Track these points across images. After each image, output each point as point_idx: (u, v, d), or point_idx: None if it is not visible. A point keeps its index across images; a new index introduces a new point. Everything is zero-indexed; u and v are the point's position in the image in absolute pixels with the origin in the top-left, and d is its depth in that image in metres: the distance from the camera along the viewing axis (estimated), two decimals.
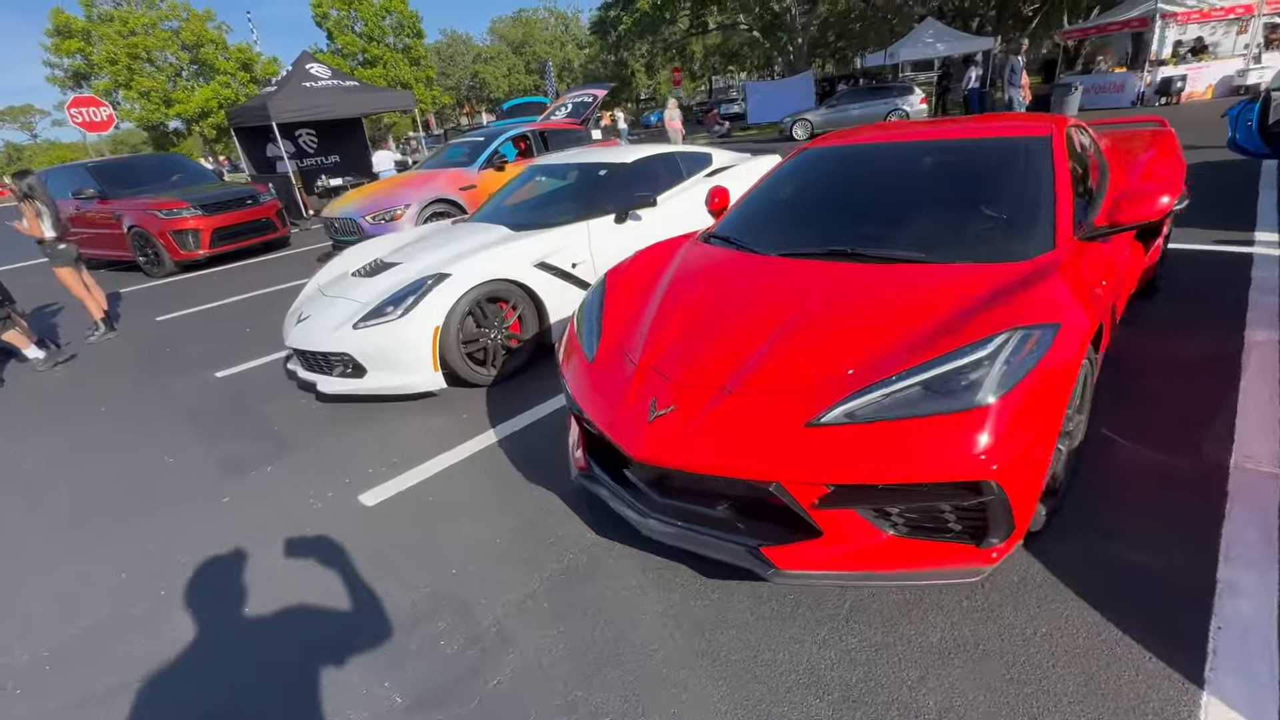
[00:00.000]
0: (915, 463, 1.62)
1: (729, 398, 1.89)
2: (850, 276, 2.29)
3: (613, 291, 2.71)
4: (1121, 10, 17.22)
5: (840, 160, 3.15)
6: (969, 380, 1.67)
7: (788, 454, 1.71)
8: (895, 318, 2.01)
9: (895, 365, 1.79)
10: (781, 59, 27.84)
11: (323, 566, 2.35)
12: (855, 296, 2.18)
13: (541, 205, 4.79)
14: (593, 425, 2.14)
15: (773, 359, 1.97)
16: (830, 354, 1.93)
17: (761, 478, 1.73)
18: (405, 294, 3.49)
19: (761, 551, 1.80)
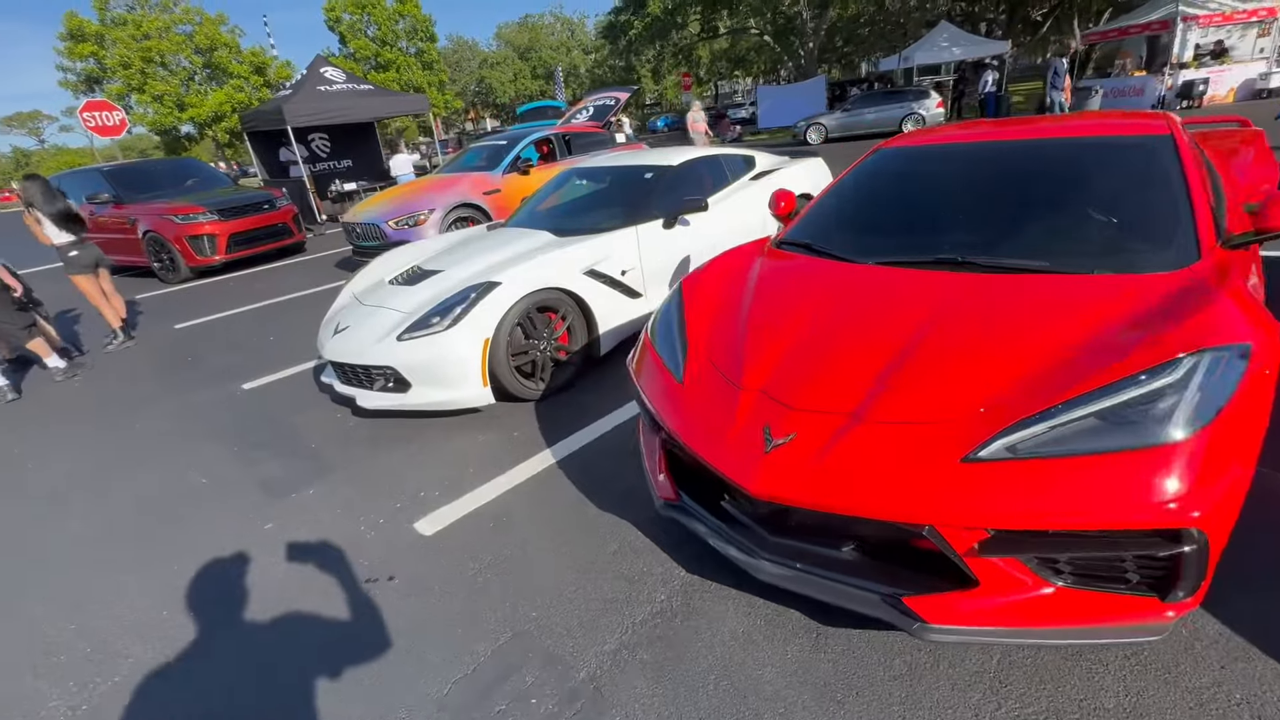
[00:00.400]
0: (1098, 507, 1.40)
1: (861, 426, 1.67)
2: (971, 288, 2.08)
3: (691, 303, 2.50)
4: (1142, 13, 17.03)
5: (928, 160, 2.94)
6: (1157, 410, 1.45)
7: (943, 494, 1.49)
8: (1038, 335, 1.79)
9: (1056, 392, 1.57)
10: (791, 63, 27.69)
11: (386, 608, 2.13)
12: (983, 311, 1.96)
13: (584, 210, 4.59)
14: (689, 453, 1.93)
15: (903, 383, 1.75)
16: (970, 377, 1.71)
17: (913, 520, 1.51)
18: (452, 304, 3.29)
19: (905, 602, 1.57)
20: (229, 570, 2.44)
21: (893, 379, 1.77)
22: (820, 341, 2.02)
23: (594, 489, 2.67)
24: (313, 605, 2.18)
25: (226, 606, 2.23)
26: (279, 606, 2.19)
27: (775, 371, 1.96)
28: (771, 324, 2.19)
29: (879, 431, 1.65)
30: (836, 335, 2.03)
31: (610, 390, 3.60)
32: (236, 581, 2.36)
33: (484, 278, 3.41)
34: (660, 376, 2.23)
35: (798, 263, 2.60)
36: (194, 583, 2.40)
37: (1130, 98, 16.94)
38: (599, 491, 2.65)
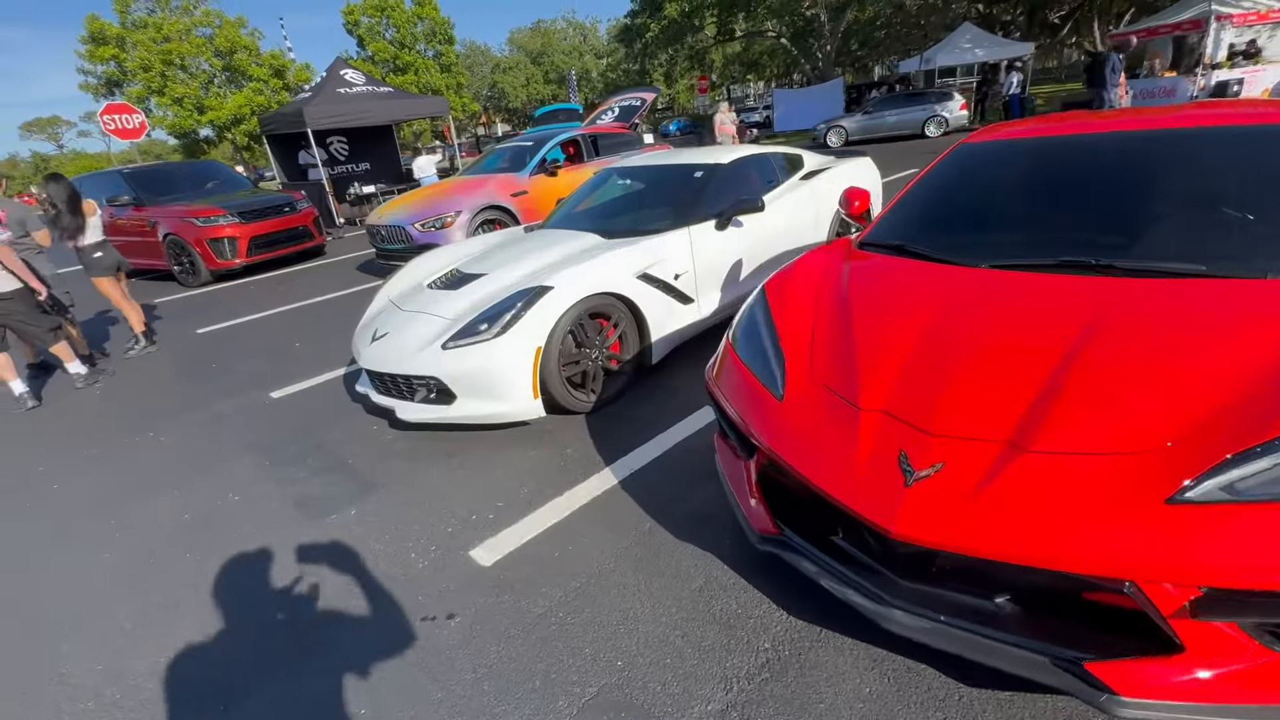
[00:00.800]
0: None
1: (1025, 457, 1.42)
2: (1121, 296, 1.81)
3: (780, 309, 2.26)
4: (1173, 13, 16.69)
5: (1034, 154, 2.67)
6: None
7: (1145, 543, 1.24)
8: (1221, 350, 1.53)
9: (1271, 421, 1.32)
10: (809, 66, 27.43)
11: (448, 653, 1.89)
12: (1146, 322, 1.70)
13: (630, 210, 4.36)
14: (798, 481, 1.68)
15: (1067, 406, 1.49)
16: (1148, 401, 1.45)
17: (1109, 573, 1.26)
18: (501, 309, 3.06)
19: (1088, 669, 1.32)
20: (268, 605, 2.22)
21: (1053, 401, 1.51)
22: (949, 356, 1.77)
23: (665, 513, 2.43)
24: (363, 649, 1.95)
25: (267, 650, 2.01)
26: (324, 652, 1.96)
27: (899, 390, 1.71)
28: (883, 335, 1.95)
29: (1048, 463, 1.40)
30: (968, 349, 1.78)
31: (664, 402, 3.36)
32: (277, 619, 2.14)
33: (534, 282, 3.18)
34: (752, 392, 1.99)
35: (897, 265, 2.35)
36: (229, 620, 2.18)
37: (1160, 98, 16.53)
38: (671, 516, 2.40)
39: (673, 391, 3.48)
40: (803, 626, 1.83)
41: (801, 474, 1.68)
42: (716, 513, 2.38)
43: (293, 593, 2.25)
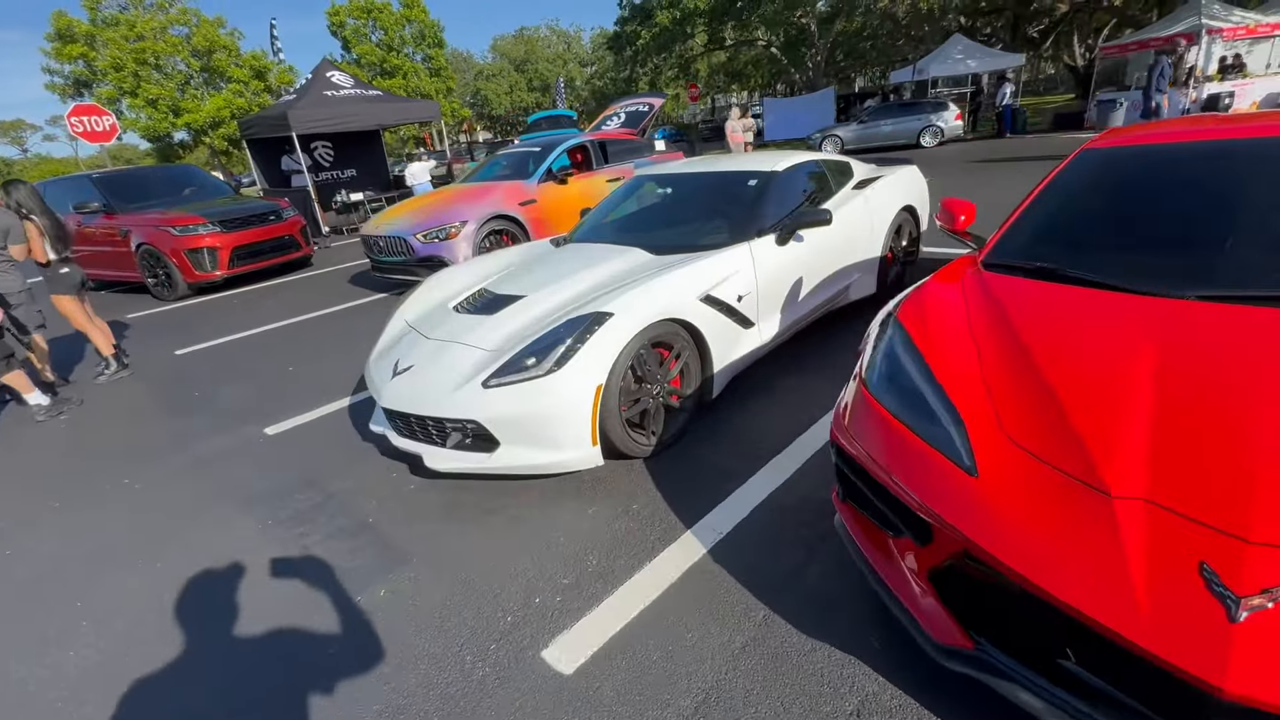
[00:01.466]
0: None
1: None
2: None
3: (930, 348, 1.84)
4: (1164, 26, 16.86)
5: (1185, 162, 2.30)
6: None
7: None
8: None
9: None
10: (799, 75, 27.41)
11: None
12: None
13: (678, 222, 3.92)
14: (1045, 598, 1.24)
15: None
16: None
17: None
18: (552, 341, 2.60)
19: None
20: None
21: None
22: (1215, 420, 1.35)
23: (779, 598, 1.98)
24: None
25: None
26: None
27: (1164, 469, 1.28)
28: (1092, 386, 1.53)
29: None
30: (1236, 410, 1.36)
31: (732, 444, 2.92)
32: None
33: (589, 307, 2.72)
34: (924, 461, 1.55)
35: (1065, 293, 1.94)
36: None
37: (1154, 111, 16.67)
38: (787, 602, 1.95)
39: (738, 431, 3.04)
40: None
41: (1043, 589, 1.24)
42: (844, 596, 1.94)
43: (309, 710, 1.76)
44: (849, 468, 1.84)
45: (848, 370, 2.08)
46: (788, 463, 2.71)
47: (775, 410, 3.21)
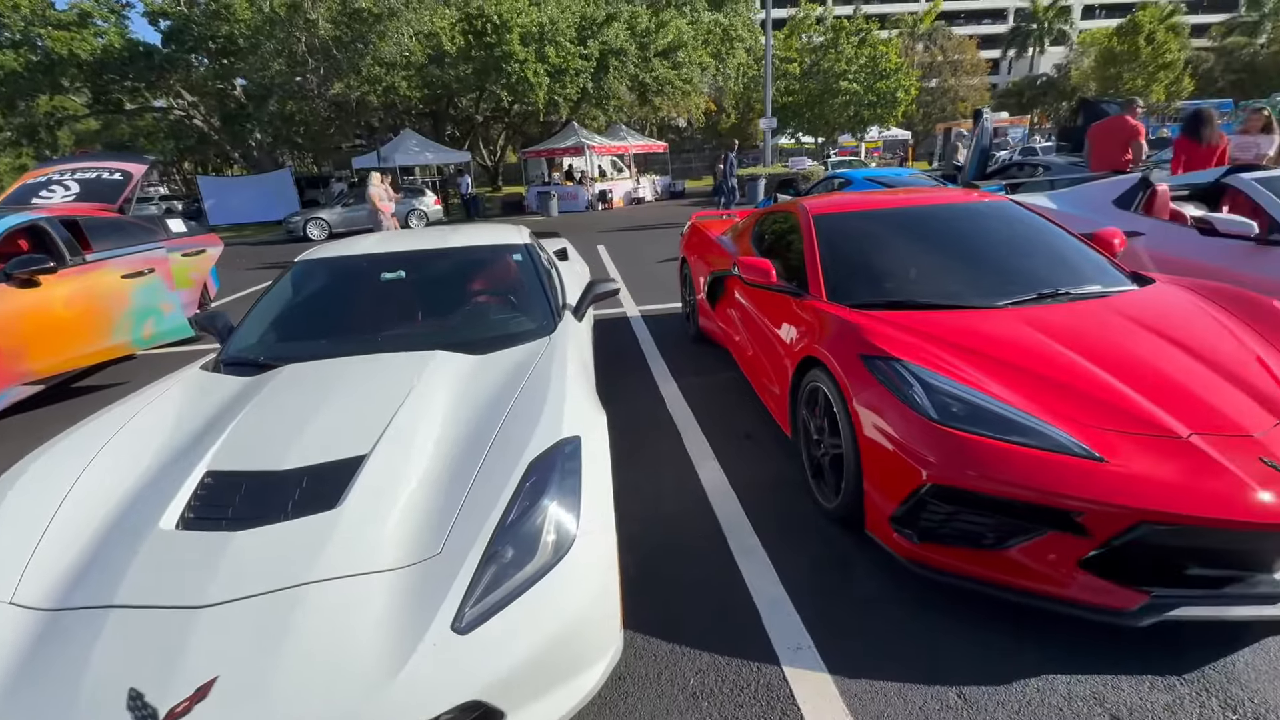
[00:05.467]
0: None
1: None
2: (1078, 313, 2.48)
3: (950, 372, 2.08)
4: (561, 139, 22.62)
5: (889, 222, 3.29)
6: None
7: None
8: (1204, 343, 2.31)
9: None
10: (238, 153, 24.11)
11: None
12: (1119, 324, 2.36)
13: (455, 312, 2.91)
14: (1211, 524, 1.64)
15: (1246, 385, 1.98)
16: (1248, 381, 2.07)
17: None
18: (527, 507, 1.61)
19: None
20: None
21: (1237, 386, 1.98)
22: (1135, 376, 2.04)
23: None
24: None
25: None
26: None
27: (1174, 411, 1.88)
28: (1071, 372, 2.08)
29: None
30: (1131, 368, 2.09)
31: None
32: None
33: (522, 440, 1.80)
34: (1061, 468, 1.77)
35: (949, 318, 2.50)
36: None
37: (569, 200, 22.15)
38: None
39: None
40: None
41: (1212, 518, 1.64)
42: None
43: None
44: (951, 501, 1.90)
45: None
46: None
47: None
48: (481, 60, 19.33)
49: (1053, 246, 3.04)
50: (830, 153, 29.75)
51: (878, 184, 9.27)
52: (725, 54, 25.18)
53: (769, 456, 3.17)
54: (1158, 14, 38.13)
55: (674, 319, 5.92)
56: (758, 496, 2.82)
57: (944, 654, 1.88)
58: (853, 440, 2.23)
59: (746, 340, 3.68)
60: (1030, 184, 7.76)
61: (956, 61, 43.00)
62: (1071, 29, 49.74)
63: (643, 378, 4.48)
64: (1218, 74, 43.49)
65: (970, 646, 1.90)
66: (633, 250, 10.86)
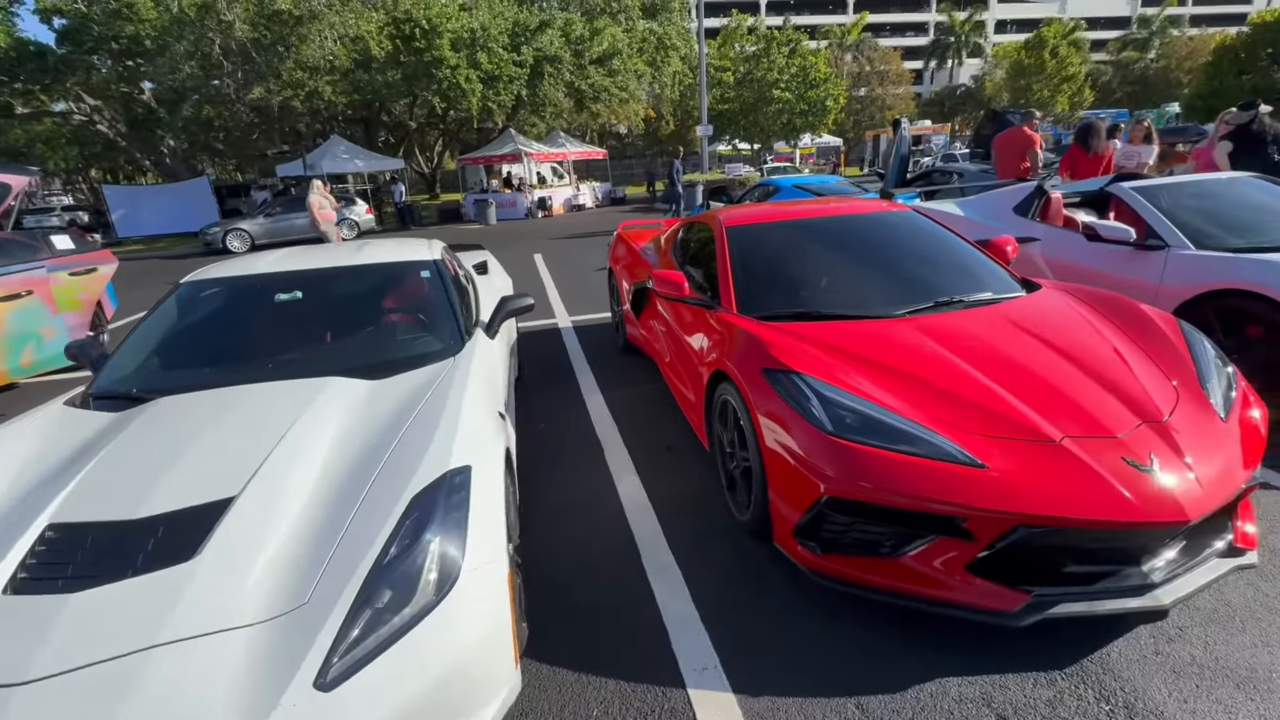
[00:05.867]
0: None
1: (1164, 426, 1.94)
2: (969, 320, 2.58)
3: (845, 384, 2.12)
4: (498, 146, 22.24)
5: (800, 232, 3.35)
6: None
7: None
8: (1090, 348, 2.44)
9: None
10: (150, 160, 22.63)
11: None
12: (1006, 330, 2.46)
13: (355, 333, 2.77)
14: (1083, 525, 1.73)
15: (1124, 386, 2.10)
16: (1114, 380, 2.20)
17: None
18: (407, 545, 1.53)
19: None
20: None
21: (1115, 386, 2.10)
22: (1016, 380, 2.13)
23: None
24: None
25: None
26: None
27: (1044, 414, 1.97)
28: (954, 378, 2.15)
29: (1171, 426, 1.96)
30: (1015, 371, 2.18)
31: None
32: None
33: (411, 472, 1.72)
34: (947, 475, 1.82)
35: (843, 329, 2.55)
36: None
37: (508, 209, 21.81)
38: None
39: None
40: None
41: (1081, 519, 1.72)
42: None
43: None
44: (848, 513, 1.94)
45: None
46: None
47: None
48: (412, 66, 18.84)
49: (951, 255, 3.17)
50: (767, 159, 30.52)
51: (806, 191, 9.54)
52: (661, 62, 25.45)
53: (688, 469, 3.17)
54: (1060, 30, 41.04)
55: (606, 329, 5.88)
56: (675, 510, 2.81)
57: (846, 665, 1.90)
58: (758, 453, 2.25)
59: (668, 351, 3.69)
60: (944, 191, 8.16)
61: (883, 72, 44.91)
62: (986, 42, 52.83)
63: (569, 390, 4.42)
64: (1115, 86, 47.11)
65: (870, 656, 1.93)
66: (570, 258, 10.78)
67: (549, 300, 7.47)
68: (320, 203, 10.28)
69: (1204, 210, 3.86)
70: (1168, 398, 2.07)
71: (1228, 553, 1.92)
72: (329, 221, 10.34)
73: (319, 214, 10.22)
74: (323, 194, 10.45)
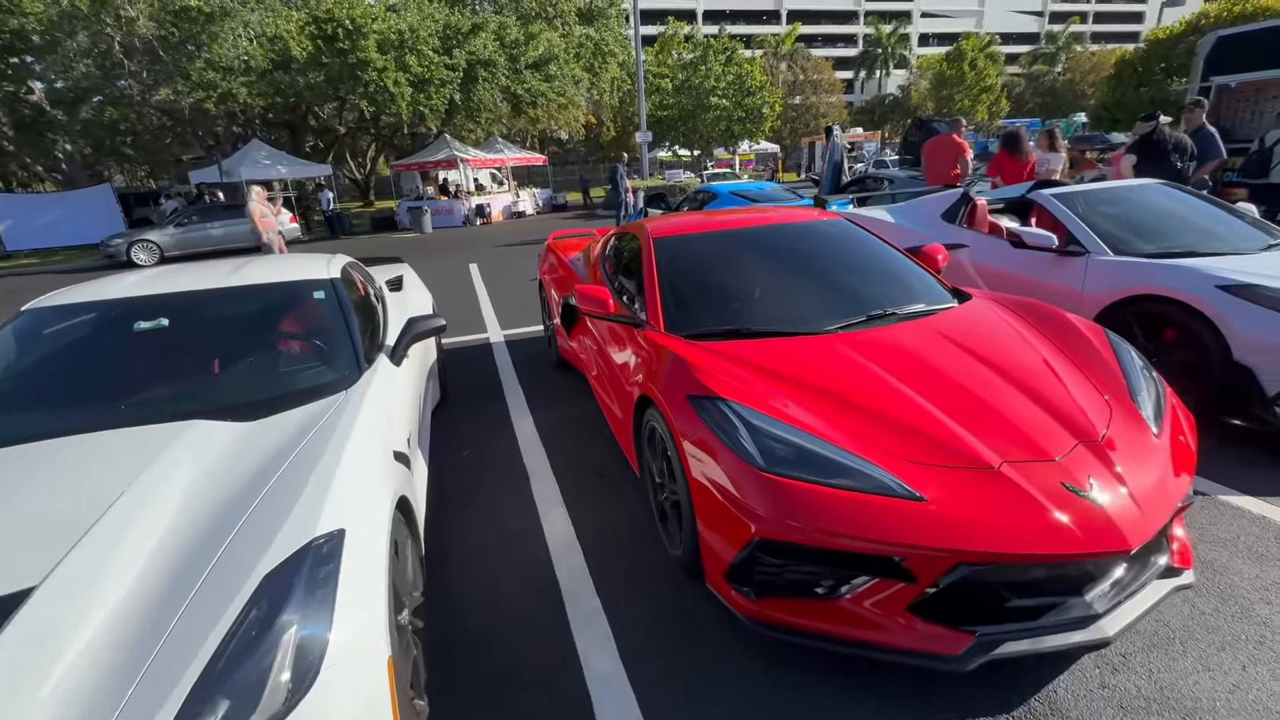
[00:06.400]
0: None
1: (1099, 446, 1.86)
2: (902, 335, 2.46)
3: (772, 411, 1.96)
4: (432, 152, 21.50)
5: (721, 243, 3.19)
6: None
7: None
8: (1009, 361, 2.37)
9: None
10: (42, 166, 20.71)
11: None
12: (940, 344, 2.36)
13: (233, 365, 2.41)
14: (1021, 559, 1.62)
15: (1055, 403, 2.01)
16: (1044, 396, 2.12)
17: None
18: (254, 638, 1.25)
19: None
20: None
21: (1044, 405, 2.02)
22: (946, 399, 2.03)
23: None
24: None
25: None
26: None
27: (981, 437, 1.86)
28: (885, 398, 2.03)
29: (1106, 445, 1.88)
30: (944, 389, 2.08)
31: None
32: None
33: (260, 549, 1.43)
34: (877, 509, 1.68)
35: (769, 346, 2.41)
36: None
37: (444, 215, 21.10)
38: None
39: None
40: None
41: (1025, 554, 1.61)
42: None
43: None
44: (781, 555, 1.77)
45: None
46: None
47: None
48: (335, 67, 17.96)
49: (883, 266, 3.08)
50: (708, 165, 30.81)
51: (743, 198, 9.54)
52: (599, 68, 25.30)
53: (620, 498, 2.96)
54: (977, 43, 43.34)
55: (541, 342, 5.61)
56: (605, 547, 2.59)
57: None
58: (686, 488, 2.06)
59: (598, 369, 3.47)
60: (876, 197, 8.29)
61: (816, 81, 46.21)
62: (910, 54, 55.30)
63: (497, 411, 4.14)
64: (1028, 97, 50.11)
65: (814, 708, 1.76)
66: (507, 267, 10.43)
67: (481, 313, 7.14)
68: (262, 210, 9.52)
69: (1118, 217, 3.96)
70: (1101, 414, 2.00)
71: (1166, 573, 1.85)
72: (272, 230, 9.62)
73: (261, 222, 9.48)
74: (263, 201, 9.76)
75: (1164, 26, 27.40)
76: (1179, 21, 26.40)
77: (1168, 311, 3.28)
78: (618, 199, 14.91)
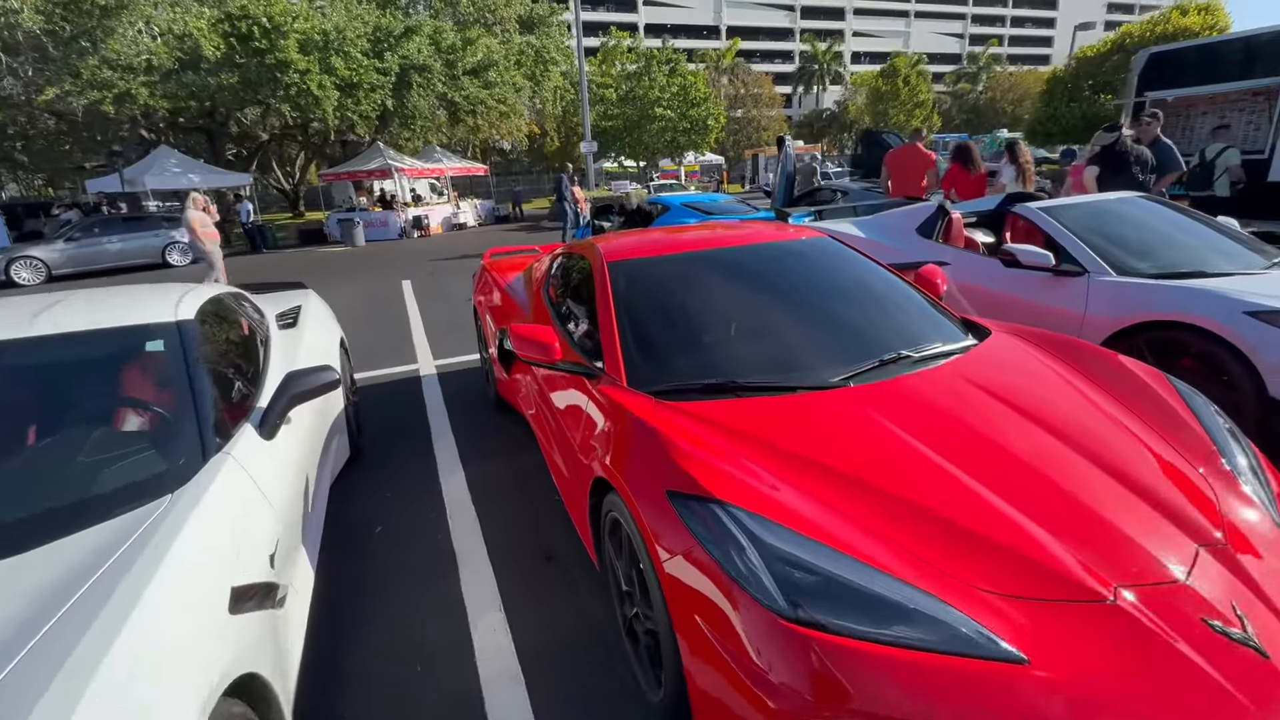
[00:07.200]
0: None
1: (1224, 552, 1.37)
2: (936, 386, 1.93)
3: (793, 522, 1.38)
4: (364, 161, 20.28)
5: (697, 266, 2.60)
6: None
7: None
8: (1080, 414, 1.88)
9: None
10: None
11: None
12: (984, 402, 1.84)
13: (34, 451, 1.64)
14: None
15: (1122, 496, 1.51)
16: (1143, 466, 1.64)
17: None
18: None
19: None
20: None
21: (1131, 491, 1.52)
22: (1008, 490, 1.49)
23: None
24: None
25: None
26: None
27: (1078, 553, 1.34)
28: (944, 495, 1.48)
29: (1231, 549, 1.40)
30: (1019, 477, 1.54)
31: None
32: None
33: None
34: (955, 676, 1.13)
35: (782, 407, 1.82)
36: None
37: (379, 228, 19.86)
38: None
39: None
40: None
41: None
42: None
43: None
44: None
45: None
46: None
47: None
48: (253, 68, 16.57)
49: (884, 294, 2.56)
50: (654, 176, 30.54)
51: (696, 210, 9.09)
52: (541, 76, 24.61)
53: (572, 595, 2.32)
54: (908, 61, 45.17)
55: (478, 374, 4.91)
56: (554, 675, 1.95)
57: None
58: (668, 624, 1.46)
59: (543, 421, 2.83)
60: (833, 210, 7.98)
61: (756, 95, 46.94)
62: (845, 71, 57.11)
63: (423, 467, 3.43)
64: (955, 113, 52.56)
65: None
66: (443, 286, 9.59)
67: (412, 340, 6.34)
68: (201, 219, 8.59)
69: (1111, 233, 3.63)
70: (1205, 499, 1.53)
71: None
72: (214, 240, 8.70)
73: (202, 232, 8.53)
74: (200, 210, 8.75)
75: (1092, 45, 29.00)
76: (1104, 40, 28.11)
77: (1185, 339, 2.94)
78: (563, 209, 14.16)
